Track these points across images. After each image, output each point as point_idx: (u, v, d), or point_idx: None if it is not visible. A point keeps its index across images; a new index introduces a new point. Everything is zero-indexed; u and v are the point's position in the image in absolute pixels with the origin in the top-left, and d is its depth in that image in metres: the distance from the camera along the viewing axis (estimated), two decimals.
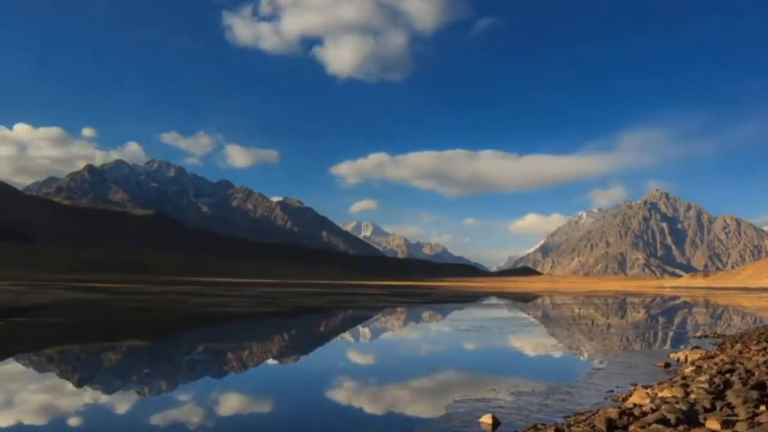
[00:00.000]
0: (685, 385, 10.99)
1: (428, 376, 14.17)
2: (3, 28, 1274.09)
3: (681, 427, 8.07)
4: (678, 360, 16.10)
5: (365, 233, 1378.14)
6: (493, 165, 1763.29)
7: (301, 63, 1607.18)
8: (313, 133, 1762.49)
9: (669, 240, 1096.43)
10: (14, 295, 49.65)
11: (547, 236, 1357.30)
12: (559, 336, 24.98)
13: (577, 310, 46.01)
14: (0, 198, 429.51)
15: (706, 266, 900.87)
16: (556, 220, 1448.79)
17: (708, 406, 9.17)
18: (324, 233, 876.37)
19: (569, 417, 9.45)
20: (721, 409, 9.00)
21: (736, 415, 8.52)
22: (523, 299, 69.88)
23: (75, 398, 11.23)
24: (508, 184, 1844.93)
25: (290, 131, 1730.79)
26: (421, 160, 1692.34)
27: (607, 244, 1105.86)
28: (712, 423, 8.07)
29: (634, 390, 11.30)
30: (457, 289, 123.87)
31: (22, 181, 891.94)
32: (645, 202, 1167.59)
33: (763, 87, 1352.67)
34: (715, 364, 14.01)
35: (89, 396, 11.50)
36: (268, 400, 11.63)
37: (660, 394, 10.44)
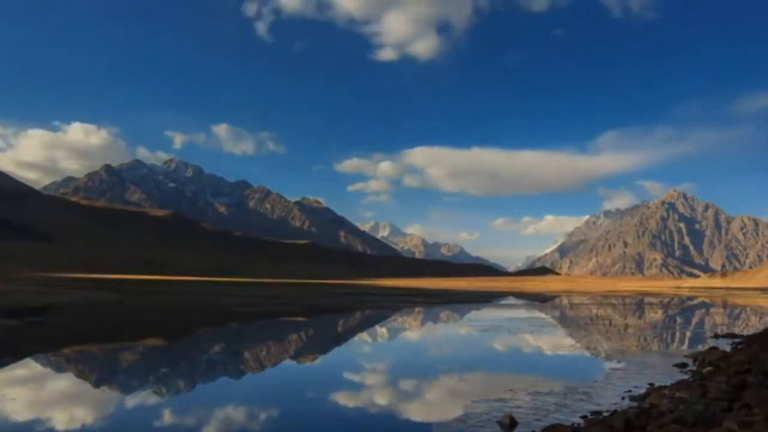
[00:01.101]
0: (702, 386, 10.94)
1: (446, 376, 14.20)
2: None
3: (698, 428, 8.05)
4: (695, 360, 16.00)
5: (383, 233, 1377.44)
6: (514, 164, 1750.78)
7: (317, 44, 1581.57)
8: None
9: (687, 240, 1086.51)
10: (31, 295, 49.69)
11: (564, 236, 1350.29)
12: (576, 336, 24.89)
13: (594, 311, 45.75)
14: (18, 198, 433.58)
15: (723, 266, 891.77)
16: (573, 221, 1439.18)
17: (725, 406, 9.14)
18: (342, 233, 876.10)
19: (587, 417, 9.45)
20: (738, 410, 8.97)
21: (753, 416, 8.48)
22: (540, 299, 69.52)
23: (92, 399, 11.30)
24: (528, 184, 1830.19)
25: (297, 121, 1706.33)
26: (439, 156, 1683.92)
27: (625, 245, 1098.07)
28: (730, 423, 8.04)
29: (652, 390, 11.27)
30: (474, 288, 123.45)
31: (40, 180, 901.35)
32: (663, 203, 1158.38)
33: None
34: (733, 364, 13.92)
35: (106, 396, 11.58)
36: (286, 399, 11.68)
37: (677, 395, 10.41)
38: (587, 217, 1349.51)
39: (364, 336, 25.15)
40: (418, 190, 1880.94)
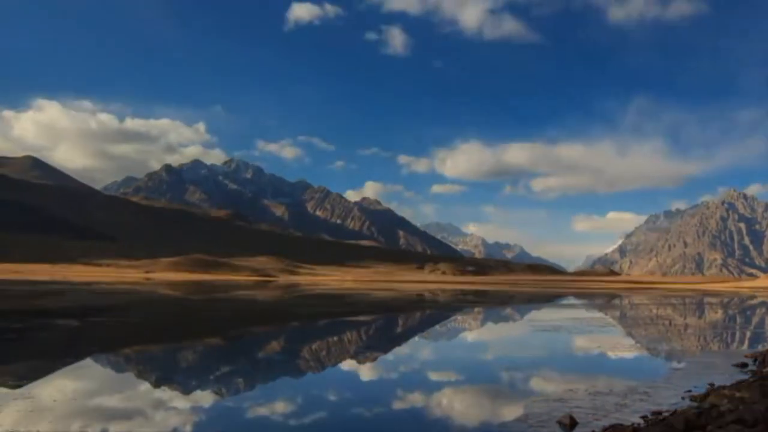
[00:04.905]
0: (762, 386, 10.66)
1: (506, 376, 14.13)
2: None
3: (759, 428, 7.85)
4: (756, 360, 15.55)
5: (443, 233, 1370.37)
6: (577, 159, 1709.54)
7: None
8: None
9: (746, 240, 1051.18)
10: (92, 295, 50.53)
11: (624, 236, 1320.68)
12: (636, 336, 24.40)
13: (654, 311, 44.75)
14: (79, 198, 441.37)
15: None
16: (635, 219, 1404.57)
17: None
18: (401, 233, 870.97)
19: (647, 417, 9.30)
20: None
21: None
22: (600, 299, 68.24)
23: (152, 398, 11.20)
24: (590, 183, 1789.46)
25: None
26: (497, 153, 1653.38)
27: (685, 245, 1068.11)
28: None
29: (712, 390, 11.01)
30: (534, 288, 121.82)
31: (103, 178, 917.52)
32: (722, 202, 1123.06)
33: None
34: None
35: (166, 396, 11.41)
36: (346, 398, 11.74)
37: (738, 395, 10.15)
38: (647, 216, 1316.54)
39: (425, 335, 25.20)
40: (478, 189, 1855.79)
